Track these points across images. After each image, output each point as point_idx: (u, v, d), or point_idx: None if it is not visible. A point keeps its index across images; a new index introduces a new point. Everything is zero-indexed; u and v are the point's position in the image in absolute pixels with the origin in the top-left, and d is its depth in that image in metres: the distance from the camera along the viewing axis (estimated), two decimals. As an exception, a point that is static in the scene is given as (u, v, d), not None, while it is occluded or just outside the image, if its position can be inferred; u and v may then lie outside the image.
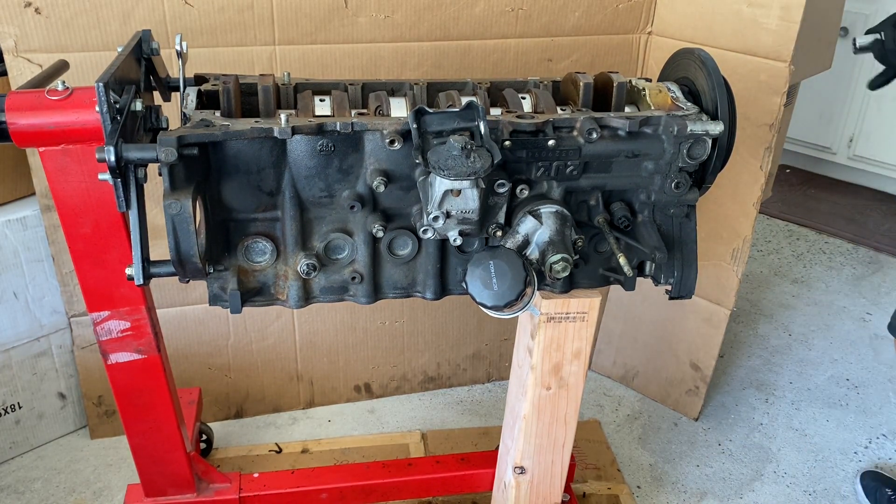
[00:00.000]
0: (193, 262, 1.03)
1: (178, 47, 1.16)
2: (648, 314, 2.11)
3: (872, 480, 1.86)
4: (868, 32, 1.57)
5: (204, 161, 1.05)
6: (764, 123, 1.68)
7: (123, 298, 1.23)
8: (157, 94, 1.31)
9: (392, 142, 1.05)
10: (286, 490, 1.58)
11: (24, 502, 1.75)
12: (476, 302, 1.10)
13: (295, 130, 1.03)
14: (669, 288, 1.24)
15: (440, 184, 1.03)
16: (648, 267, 1.24)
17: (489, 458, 1.62)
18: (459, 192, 1.04)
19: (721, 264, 1.89)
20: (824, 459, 2.00)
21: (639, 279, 1.25)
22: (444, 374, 2.18)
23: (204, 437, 1.87)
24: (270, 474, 1.61)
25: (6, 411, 1.81)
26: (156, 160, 0.96)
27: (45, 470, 1.84)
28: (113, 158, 0.92)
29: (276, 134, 1.02)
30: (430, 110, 1.05)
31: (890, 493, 1.80)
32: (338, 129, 1.05)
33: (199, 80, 1.21)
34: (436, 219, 1.07)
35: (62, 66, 1.22)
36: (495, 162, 1.02)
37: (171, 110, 1.42)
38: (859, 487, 1.86)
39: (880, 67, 1.59)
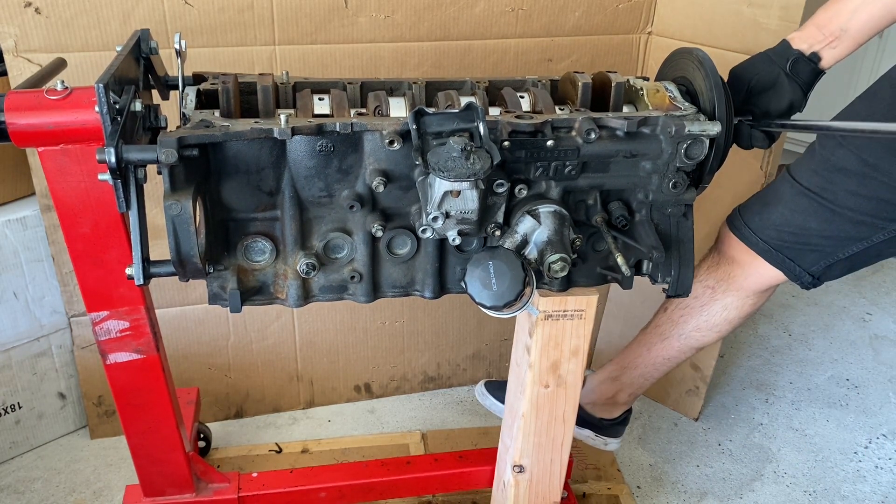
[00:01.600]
0: (194, 262, 1.03)
1: (176, 45, 1.16)
2: (648, 314, 2.10)
3: None
4: None
5: (204, 161, 1.05)
6: (763, 123, 1.68)
7: (122, 298, 1.23)
8: (155, 93, 1.31)
9: (391, 142, 1.05)
10: (285, 489, 1.58)
11: (24, 502, 1.75)
12: (475, 302, 1.10)
13: (295, 131, 1.03)
14: (666, 287, 1.24)
15: (440, 185, 1.03)
16: (646, 266, 1.24)
17: (486, 456, 1.62)
18: (459, 192, 1.04)
19: (720, 264, 1.89)
20: (824, 459, 2.00)
21: (636, 278, 1.25)
22: (444, 374, 2.18)
23: (202, 436, 1.87)
24: (269, 474, 1.62)
25: (6, 411, 1.82)
26: (156, 161, 0.96)
27: (45, 470, 1.84)
28: (114, 160, 0.92)
29: (275, 135, 1.02)
30: (430, 111, 1.05)
31: None
32: (337, 129, 1.05)
33: (198, 78, 1.21)
34: (435, 219, 1.07)
35: (60, 64, 1.22)
36: (495, 163, 1.02)
37: (169, 108, 1.42)
38: None
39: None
